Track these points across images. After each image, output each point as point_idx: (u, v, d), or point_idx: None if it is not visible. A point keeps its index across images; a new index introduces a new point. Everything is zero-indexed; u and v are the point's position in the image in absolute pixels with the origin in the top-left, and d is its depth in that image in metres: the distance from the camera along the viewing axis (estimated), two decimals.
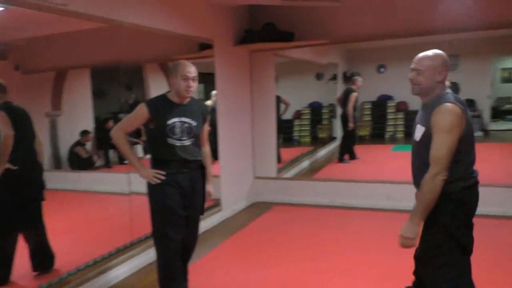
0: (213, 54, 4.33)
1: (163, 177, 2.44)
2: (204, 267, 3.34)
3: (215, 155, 4.80)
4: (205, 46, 4.32)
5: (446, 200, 1.96)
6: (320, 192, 5.01)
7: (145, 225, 3.65)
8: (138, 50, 4.13)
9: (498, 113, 10.14)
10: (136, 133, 4.62)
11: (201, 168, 2.65)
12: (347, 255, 3.42)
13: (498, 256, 3.26)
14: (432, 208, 1.96)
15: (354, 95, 6.74)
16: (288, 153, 7.41)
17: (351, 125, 6.75)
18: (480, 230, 2.27)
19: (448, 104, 1.92)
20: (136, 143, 4.66)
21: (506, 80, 10.96)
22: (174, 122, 2.44)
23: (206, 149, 2.72)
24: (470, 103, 8.12)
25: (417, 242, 2.08)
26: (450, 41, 8.75)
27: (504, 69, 10.98)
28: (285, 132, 8.37)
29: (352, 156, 6.90)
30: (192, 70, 2.45)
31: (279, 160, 6.00)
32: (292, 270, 3.18)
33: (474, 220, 2.07)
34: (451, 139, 1.89)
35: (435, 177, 1.90)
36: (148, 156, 4.56)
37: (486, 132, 8.92)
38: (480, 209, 2.14)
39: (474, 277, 2.12)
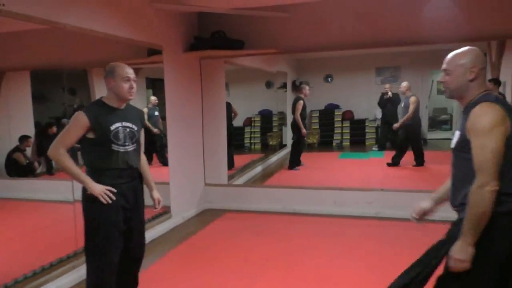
0: (162, 60, 4.28)
1: (114, 197, 2.28)
2: (152, 276, 3.27)
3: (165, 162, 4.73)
4: (154, 51, 4.27)
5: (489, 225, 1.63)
6: (271, 198, 5.07)
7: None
8: (83, 53, 4.00)
9: (435, 123, 10.81)
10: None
11: (140, 177, 2.55)
12: (297, 261, 3.48)
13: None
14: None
15: (300, 102, 6.91)
16: (239, 160, 7.44)
17: (303, 131, 6.91)
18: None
19: (485, 103, 1.67)
20: (79, 150, 4.50)
21: (442, 92, 11.72)
22: (117, 127, 2.31)
23: (143, 156, 2.62)
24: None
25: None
26: (392, 54, 9.27)
27: (440, 82, 11.73)
28: (236, 139, 8.41)
29: (298, 163, 7.06)
30: (131, 71, 2.37)
31: (232, 165, 6.03)
32: (241, 277, 3.20)
33: (433, 226, 2.00)
34: (494, 140, 1.60)
35: (481, 188, 1.60)
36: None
37: (425, 140, 9.46)
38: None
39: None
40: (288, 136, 9.31)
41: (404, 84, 7.09)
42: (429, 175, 6.23)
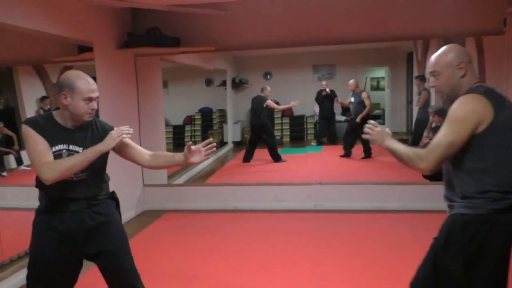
0: (93, 57, 4.11)
1: (131, 130, 1.97)
2: (87, 284, 3.13)
3: None
4: (85, 48, 4.09)
5: (464, 224, 1.62)
6: (211, 197, 5.06)
7: (18, 243, 3.33)
8: (8, 51, 3.75)
9: (369, 117, 11.34)
10: (6, 142, 4.18)
11: (113, 200, 2.22)
12: (237, 257, 3.50)
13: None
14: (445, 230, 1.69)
15: (270, 101, 7.61)
16: None
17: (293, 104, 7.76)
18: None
19: (469, 95, 1.63)
20: (8, 153, 4.22)
21: (375, 88, 12.34)
22: (60, 150, 1.90)
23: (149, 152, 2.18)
24: (346, 108, 8.92)
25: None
26: (328, 52, 9.59)
27: (372, 78, 12.34)
28: (176, 138, 8.28)
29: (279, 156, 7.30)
30: (95, 88, 1.93)
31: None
32: (181, 276, 3.16)
33: (367, 216, 2.10)
34: (457, 134, 1.59)
35: (420, 169, 1.65)
36: (23, 167, 4.21)
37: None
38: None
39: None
40: (229, 134, 9.34)
41: (352, 81, 7.57)
42: (373, 167, 6.52)
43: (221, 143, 9.01)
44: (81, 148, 1.94)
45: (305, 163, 7.20)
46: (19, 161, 4.30)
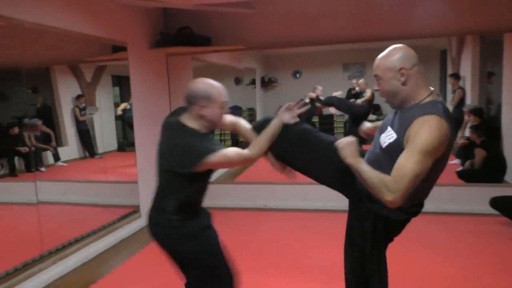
0: (127, 56, 4.21)
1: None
2: (122, 277, 3.22)
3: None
4: (119, 48, 4.19)
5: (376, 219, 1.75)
6: (241, 195, 5.08)
7: (56, 236, 3.46)
8: (45, 51, 3.89)
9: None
10: (44, 139, 4.33)
11: None
12: (269, 256, 3.51)
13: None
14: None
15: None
16: None
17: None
18: None
19: (434, 117, 1.48)
20: (46, 149, 4.38)
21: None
22: None
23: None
24: (377, 107, 8.78)
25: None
26: (358, 50, 9.45)
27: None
28: None
29: None
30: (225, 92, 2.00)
31: None
32: None
33: None
34: (424, 166, 1.48)
35: (389, 203, 1.52)
36: (60, 163, 4.36)
37: None
38: None
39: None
40: None
41: (362, 81, 7.92)
42: None
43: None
44: None
45: None
46: (56, 157, 4.45)
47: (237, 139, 8.82)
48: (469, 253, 3.40)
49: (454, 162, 5.82)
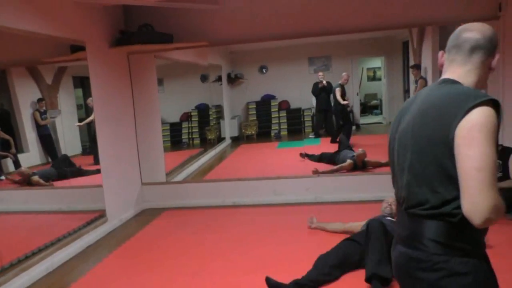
0: (86, 56, 4.06)
1: None
2: (89, 284, 3.12)
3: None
4: (77, 48, 4.04)
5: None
6: (210, 193, 5.04)
7: (18, 247, 3.31)
8: (0, 52, 3.72)
9: (366, 108, 11.34)
10: (3, 145, 4.15)
11: None
12: (239, 252, 3.49)
13: None
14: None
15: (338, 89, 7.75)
16: (177, 156, 7.33)
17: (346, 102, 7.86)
18: None
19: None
20: (5, 157, 4.20)
21: (371, 79, 12.32)
22: None
23: None
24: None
25: None
26: (323, 43, 9.54)
27: (369, 69, 12.31)
28: (174, 135, 8.26)
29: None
30: None
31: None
32: (182, 274, 3.14)
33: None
34: None
35: None
36: None
37: (358, 126, 9.89)
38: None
39: None
40: (226, 129, 9.32)
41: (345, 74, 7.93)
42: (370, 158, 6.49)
43: (219, 139, 8.99)
44: None
45: None
46: (17, 164, 4.28)
47: (205, 137, 8.75)
48: None
49: None
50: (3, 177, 4.23)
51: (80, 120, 5.02)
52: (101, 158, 4.25)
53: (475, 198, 1.10)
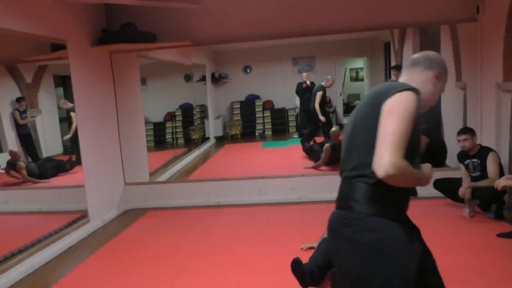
0: (67, 55, 4.01)
1: None
2: (71, 285, 3.09)
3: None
4: (58, 46, 3.99)
5: None
6: (194, 193, 5.02)
7: None
8: None
9: (349, 108, 11.44)
10: None
11: None
12: (222, 252, 3.49)
13: None
14: None
15: (320, 93, 7.46)
16: (161, 156, 7.28)
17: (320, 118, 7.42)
18: None
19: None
20: None
21: (354, 79, 12.45)
22: (418, 135, 1.55)
23: None
24: (328, 102, 8.96)
25: None
26: (307, 44, 9.60)
27: (352, 69, 12.43)
28: (158, 135, 8.21)
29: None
30: None
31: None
32: (165, 274, 3.13)
33: None
34: None
35: None
36: (0, 171, 4.10)
37: (341, 125, 9.97)
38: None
39: None
40: (210, 129, 9.30)
41: (329, 77, 7.81)
42: None
43: (203, 139, 8.96)
44: None
45: (287, 155, 7.22)
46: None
47: (189, 137, 8.71)
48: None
49: None
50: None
51: (61, 120, 4.96)
52: (83, 158, 4.20)
53: (381, 153, 1.33)
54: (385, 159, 1.32)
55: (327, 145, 5.84)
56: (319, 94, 7.37)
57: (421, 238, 1.58)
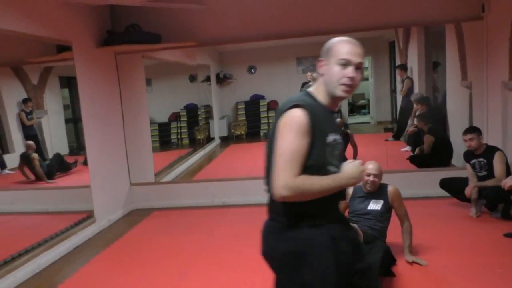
0: (72, 56, 4.04)
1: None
2: (76, 285, 3.10)
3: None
4: (64, 48, 4.01)
5: None
6: (200, 193, 5.03)
7: (3, 248, 3.28)
8: None
9: (354, 108, 11.40)
10: None
11: None
12: (227, 252, 3.50)
13: None
14: None
15: None
16: (166, 156, 7.30)
17: None
18: None
19: None
20: None
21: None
22: (332, 141, 1.50)
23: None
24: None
25: None
26: (311, 43, 9.56)
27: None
28: (162, 135, 8.22)
29: None
30: (358, 52, 1.54)
31: None
32: (170, 274, 3.14)
33: None
34: None
35: None
36: (6, 171, 4.13)
37: (346, 125, 9.94)
38: None
39: None
40: (215, 129, 9.31)
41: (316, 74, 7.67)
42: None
43: (208, 139, 8.97)
44: (339, 136, 1.56)
45: None
46: (3, 165, 4.22)
47: (194, 137, 8.72)
48: (424, 235, 3.53)
49: (405, 149, 6.05)
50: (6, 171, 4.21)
51: (66, 120, 4.98)
52: (89, 159, 4.23)
53: (274, 176, 1.40)
54: (276, 182, 1.38)
55: None
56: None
57: (350, 240, 1.60)
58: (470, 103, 4.80)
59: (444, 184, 4.17)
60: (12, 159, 4.31)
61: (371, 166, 2.93)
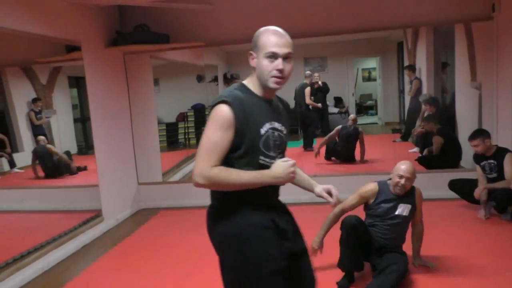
0: (81, 56, 4.07)
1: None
2: (84, 283, 3.12)
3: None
4: (73, 48, 4.04)
5: None
6: (207, 193, 5.00)
7: (13, 246, 3.31)
8: None
9: (361, 109, 11.36)
10: None
11: None
12: None
13: None
14: None
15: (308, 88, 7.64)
16: (174, 156, 7.32)
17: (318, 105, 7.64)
18: None
19: None
20: (1, 156, 4.18)
21: (367, 79, 12.35)
22: (267, 131, 1.57)
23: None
24: (339, 100, 8.94)
25: None
26: (319, 44, 9.55)
27: (364, 69, 12.34)
28: (170, 135, 8.25)
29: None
30: (286, 42, 1.57)
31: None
32: (177, 273, 3.15)
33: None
34: None
35: None
36: (16, 170, 4.17)
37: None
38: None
39: None
40: None
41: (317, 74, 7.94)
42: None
43: None
44: (279, 125, 1.63)
45: (299, 155, 7.21)
46: (12, 164, 4.27)
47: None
48: (433, 237, 3.51)
49: (413, 150, 6.01)
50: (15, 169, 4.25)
51: (75, 120, 5.02)
52: (97, 158, 4.25)
53: (195, 165, 1.51)
54: (195, 170, 1.50)
55: (338, 127, 6.14)
56: (307, 90, 7.69)
57: (290, 223, 1.75)
58: (480, 104, 4.75)
59: (453, 185, 4.13)
60: (21, 158, 4.35)
61: (403, 167, 2.63)
